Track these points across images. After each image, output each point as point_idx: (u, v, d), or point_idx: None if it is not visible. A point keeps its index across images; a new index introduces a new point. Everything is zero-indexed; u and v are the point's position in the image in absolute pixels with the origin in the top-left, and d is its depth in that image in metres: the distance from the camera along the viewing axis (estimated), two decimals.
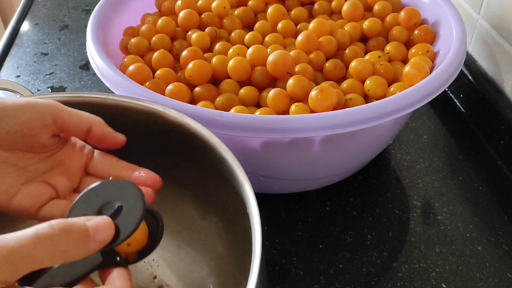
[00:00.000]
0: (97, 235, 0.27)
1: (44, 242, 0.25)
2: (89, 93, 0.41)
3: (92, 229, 0.27)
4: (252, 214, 0.31)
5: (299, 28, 0.59)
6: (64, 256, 0.26)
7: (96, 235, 0.27)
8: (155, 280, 0.44)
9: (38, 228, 0.25)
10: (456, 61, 0.48)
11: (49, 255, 0.25)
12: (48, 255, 0.25)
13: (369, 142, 0.51)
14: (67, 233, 0.25)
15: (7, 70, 0.75)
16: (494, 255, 0.49)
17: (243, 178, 0.33)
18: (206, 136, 0.37)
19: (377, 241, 0.50)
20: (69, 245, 0.25)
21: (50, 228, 0.25)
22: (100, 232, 0.27)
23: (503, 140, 0.58)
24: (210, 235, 0.43)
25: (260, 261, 0.28)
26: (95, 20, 0.55)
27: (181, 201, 0.44)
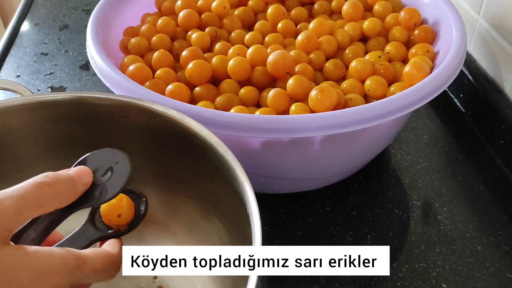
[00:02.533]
0: (81, 179, 0.31)
1: (43, 187, 0.28)
2: (89, 92, 0.41)
3: (75, 174, 0.31)
4: (252, 214, 0.31)
5: (299, 28, 0.59)
6: (61, 198, 0.30)
7: (80, 179, 0.31)
8: (155, 280, 0.44)
9: (35, 178, 0.29)
10: (456, 61, 0.48)
11: (49, 198, 0.29)
12: (48, 198, 0.29)
13: (369, 142, 0.51)
14: (59, 179, 0.30)
15: (7, 70, 0.75)
16: (494, 255, 0.49)
17: (243, 178, 0.33)
18: (206, 136, 0.37)
19: (377, 241, 0.50)
20: (63, 188, 0.30)
21: (45, 176, 0.29)
22: (82, 177, 0.32)
23: (503, 140, 0.58)
24: (210, 235, 0.43)
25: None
26: (95, 20, 0.55)
27: (182, 202, 0.44)
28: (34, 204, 0.28)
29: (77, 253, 0.29)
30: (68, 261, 0.28)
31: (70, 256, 0.29)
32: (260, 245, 0.29)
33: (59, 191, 0.29)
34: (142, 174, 0.43)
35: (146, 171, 0.44)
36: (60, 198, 0.30)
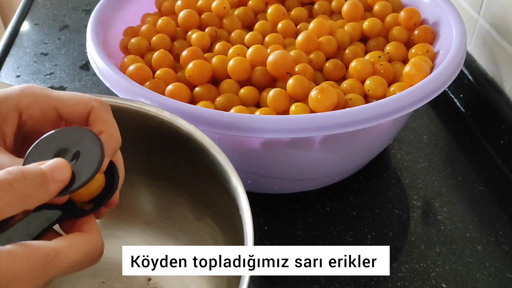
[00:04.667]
0: (55, 176, 0.26)
1: (4, 188, 0.24)
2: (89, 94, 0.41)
3: (48, 170, 0.26)
4: (244, 217, 0.31)
5: (299, 28, 0.59)
6: (25, 202, 0.24)
7: (54, 176, 0.26)
8: (149, 282, 0.44)
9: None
10: (456, 61, 0.48)
11: (10, 202, 0.24)
12: (9, 202, 0.24)
13: (369, 142, 0.51)
14: (24, 176, 0.24)
15: (7, 70, 0.75)
16: (494, 255, 0.49)
17: (236, 180, 0.33)
18: (199, 137, 0.37)
19: (377, 241, 0.50)
20: (30, 189, 0.24)
21: (8, 173, 0.24)
22: (57, 173, 0.26)
23: (503, 140, 0.58)
24: (204, 236, 0.43)
25: None
26: (95, 20, 0.55)
27: (176, 202, 0.44)
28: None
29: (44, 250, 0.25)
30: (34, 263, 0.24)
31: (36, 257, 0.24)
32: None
33: (23, 191, 0.24)
34: (136, 175, 0.43)
35: (139, 172, 0.43)
36: (26, 200, 0.24)
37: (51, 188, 0.26)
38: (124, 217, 0.46)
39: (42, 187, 0.25)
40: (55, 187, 0.26)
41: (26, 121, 0.31)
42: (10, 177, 0.24)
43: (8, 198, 0.24)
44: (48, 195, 0.26)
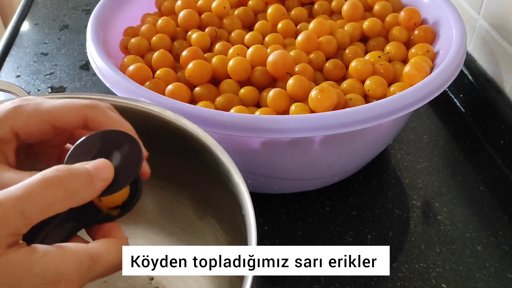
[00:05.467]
0: (100, 174, 0.27)
1: (53, 184, 0.24)
2: (86, 94, 0.41)
3: (93, 169, 0.27)
4: (248, 216, 0.31)
5: (299, 28, 0.59)
6: (73, 198, 0.25)
7: (99, 174, 0.27)
8: (151, 281, 0.44)
9: (43, 173, 0.25)
10: (456, 61, 0.48)
11: (60, 198, 0.24)
12: (59, 198, 0.24)
13: (369, 142, 0.51)
14: (72, 174, 0.25)
15: (7, 70, 0.75)
16: (494, 255, 0.49)
17: (238, 180, 0.33)
18: (202, 137, 0.37)
19: (377, 241, 0.50)
20: (77, 185, 0.25)
21: (56, 171, 0.25)
22: (101, 172, 0.27)
23: (503, 140, 0.58)
24: (207, 236, 0.43)
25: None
26: (95, 20, 0.55)
27: (178, 202, 0.44)
28: (41, 204, 0.24)
29: (90, 251, 0.26)
30: (81, 264, 0.25)
31: (84, 256, 0.25)
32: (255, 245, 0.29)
33: (72, 188, 0.25)
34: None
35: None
36: (74, 197, 0.25)
37: (97, 186, 0.26)
38: (126, 217, 0.45)
39: (88, 184, 0.26)
40: (100, 185, 0.27)
41: (26, 138, 0.31)
42: (59, 174, 0.25)
43: (58, 195, 0.24)
44: (93, 193, 0.26)
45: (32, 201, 0.24)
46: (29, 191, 0.24)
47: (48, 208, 0.24)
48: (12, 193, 0.23)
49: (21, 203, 0.23)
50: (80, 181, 0.25)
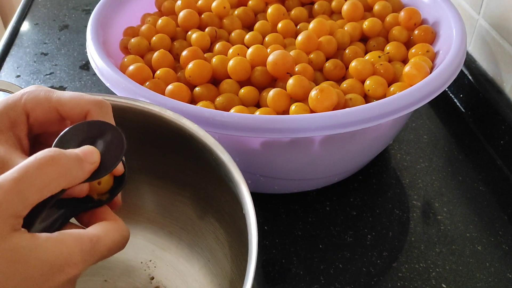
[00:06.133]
0: (88, 158, 0.28)
1: (46, 164, 0.25)
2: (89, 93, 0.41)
3: (81, 153, 0.28)
4: (249, 215, 0.31)
5: (299, 28, 0.59)
6: (68, 176, 0.26)
7: (87, 158, 0.28)
8: (152, 281, 0.44)
9: (36, 155, 0.26)
10: (456, 61, 0.48)
11: (54, 176, 0.25)
12: (53, 176, 0.25)
13: (369, 142, 0.51)
14: (64, 155, 0.26)
15: (7, 70, 0.75)
16: (494, 255, 0.49)
17: (239, 179, 0.33)
18: (203, 137, 0.37)
19: (377, 241, 0.50)
20: (69, 164, 0.26)
21: (48, 151, 0.26)
22: (89, 156, 0.28)
23: (503, 140, 0.58)
24: (207, 235, 0.43)
25: (256, 262, 0.28)
26: (95, 20, 0.55)
27: (179, 202, 0.44)
28: (38, 183, 0.25)
29: (89, 235, 0.27)
30: (83, 247, 0.26)
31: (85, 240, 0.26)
32: (256, 245, 0.29)
33: (65, 167, 0.26)
34: (138, 174, 0.43)
35: (142, 171, 0.44)
36: (67, 176, 0.26)
37: (87, 168, 0.28)
38: (126, 216, 0.46)
39: (79, 165, 0.27)
40: (88, 168, 0.28)
41: (33, 123, 0.32)
42: (52, 153, 0.26)
43: (52, 172, 0.25)
44: (83, 174, 0.27)
45: (28, 182, 0.24)
46: (25, 171, 0.25)
47: (44, 187, 0.25)
48: (9, 176, 0.24)
49: (19, 184, 0.24)
50: (72, 161, 0.27)
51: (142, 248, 0.45)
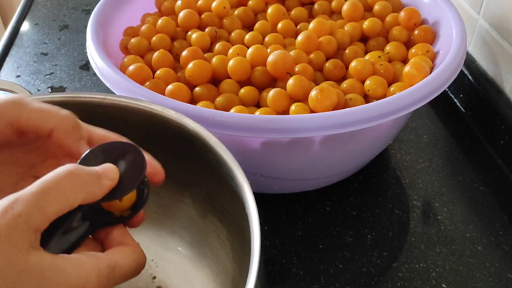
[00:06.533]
0: (106, 174, 0.28)
1: (64, 177, 0.25)
2: (88, 93, 0.41)
3: (100, 169, 0.28)
4: (251, 215, 0.31)
5: (299, 28, 0.59)
6: (86, 190, 0.26)
7: (105, 174, 0.28)
8: (154, 280, 0.44)
9: (55, 170, 0.26)
10: (456, 61, 0.48)
11: (73, 188, 0.25)
12: (71, 189, 0.25)
13: (369, 142, 0.51)
14: (83, 170, 0.26)
15: (7, 70, 0.75)
16: (494, 255, 0.49)
17: (241, 179, 0.33)
18: (205, 136, 0.37)
19: (377, 241, 0.50)
20: (88, 178, 0.26)
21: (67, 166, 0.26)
22: (108, 172, 0.28)
23: (503, 140, 0.58)
24: (209, 235, 0.43)
25: (259, 261, 0.28)
26: (95, 20, 0.55)
27: (180, 201, 0.44)
28: (57, 195, 0.24)
29: (108, 259, 0.26)
30: (100, 271, 0.25)
31: (103, 265, 0.26)
32: (259, 245, 0.29)
33: (82, 181, 0.26)
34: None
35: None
36: (85, 189, 0.26)
37: (104, 183, 0.28)
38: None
39: (97, 180, 0.27)
40: (107, 184, 0.28)
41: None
42: (70, 167, 0.26)
43: (71, 185, 0.25)
44: (101, 189, 0.27)
45: (46, 194, 0.24)
46: (43, 185, 0.24)
47: (62, 200, 0.25)
48: (28, 190, 0.24)
49: (37, 197, 0.24)
50: (90, 175, 0.27)
51: (144, 248, 0.45)
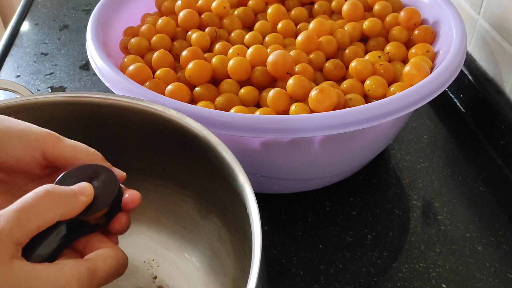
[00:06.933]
0: (82, 191, 0.30)
1: (43, 195, 0.27)
2: (89, 93, 0.41)
3: (76, 187, 0.30)
4: (252, 214, 0.31)
5: (299, 28, 0.59)
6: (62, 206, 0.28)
7: (81, 191, 0.30)
8: (155, 280, 0.44)
9: (35, 190, 0.27)
10: (456, 61, 0.48)
11: (51, 205, 0.27)
12: (50, 205, 0.27)
13: (369, 142, 0.51)
14: (59, 189, 0.28)
15: (7, 70, 0.75)
16: (494, 255, 0.49)
17: (243, 178, 0.33)
18: (206, 136, 0.37)
19: (377, 241, 0.50)
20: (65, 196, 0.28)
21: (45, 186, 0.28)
22: (83, 189, 0.30)
23: (503, 140, 0.58)
24: (210, 234, 0.43)
25: (260, 261, 0.28)
26: (95, 20, 0.55)
27: (181, 201, 0.44)
28: (36, 212, 0.26)
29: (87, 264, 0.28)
30: (81, 276, 0.27)
31: (82, 269, 0.27)
32: (260, 245, 0.29)
33: (60, 198, 0.28)
34: (141, 174, 0.43)
35: (144, 170, 0.44)
36: (62, 206, 0.28)
37: (81, 200, 0.29)
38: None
39: (74, 197, 0.29)
40: (83, 200, 0.30)
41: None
42: (47, 187, 0.28)
43: (48, 202, 0.27)
44: (78, 205, 0.29)
45: (26, 210, 0.26)
46: (23, 203, 0.26)
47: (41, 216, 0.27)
48: (10, 207, 0.26)
49: (18, 213, 0.26)
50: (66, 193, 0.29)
51: (145, 248, 0.45)
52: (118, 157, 0.37)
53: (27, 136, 0.32)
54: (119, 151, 0.42)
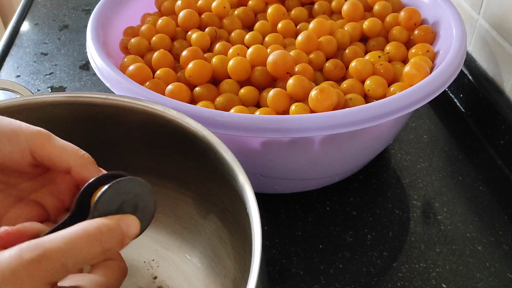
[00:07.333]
0: (130, 232, 0.29)
1: (94, 243, 0.26)
2: (89, 93, 0.41)
3: (125, 226, 0.29)
4: (252, 214, 0.31)
5: (299, 28, 0.59)
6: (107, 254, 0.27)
7: (129, 232, 0.29)
8: (155, 280, 0.44)
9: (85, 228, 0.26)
10: (456, 61, 0.48)
11: (97, 255, 0.27)
12: (96, 256, 0.27)
13: (369, 142, 0.51)
14: (110, 234, 0.27)
15: (7, 70, 0.75)
16: (494, 255, 0.49)
17: (243, 178, 0.33)
18: (206, 136, 0.37)
19: (377, 241, 0.50)
20: (112, 244, 0.27)
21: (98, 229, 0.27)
22: (131, 230, 0.29)
23: (503, 140, 0.58)
24: (210, 234, 0.43)
25: (260, 261, 0.28)
26: (95, 20, 0.55)
27: (181, 201, 0.44)
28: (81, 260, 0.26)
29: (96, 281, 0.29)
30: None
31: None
32: (260, 244, 0.29)
33: (108, 247, 0.27)
34: (141, 174, 0.43)
35: (145, 170, 0.43)
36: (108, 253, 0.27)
37: (125, 243, 0.29)
38: None
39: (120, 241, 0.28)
40: (127, 242, 0.29)
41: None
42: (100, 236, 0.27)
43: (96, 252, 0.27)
44: (121, 248, 0.29)
45: (74, 256, 0.25)
46: (72, 245, 0.26)
47: (86, 262, 0.26)
48: (57, 245, 0.25)
49: (65, 257, 0.25)
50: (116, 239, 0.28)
51: (145, 248, 0.45)
52: (118, 157, 0.37)
53: (17, 137, 0.31)
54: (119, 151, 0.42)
